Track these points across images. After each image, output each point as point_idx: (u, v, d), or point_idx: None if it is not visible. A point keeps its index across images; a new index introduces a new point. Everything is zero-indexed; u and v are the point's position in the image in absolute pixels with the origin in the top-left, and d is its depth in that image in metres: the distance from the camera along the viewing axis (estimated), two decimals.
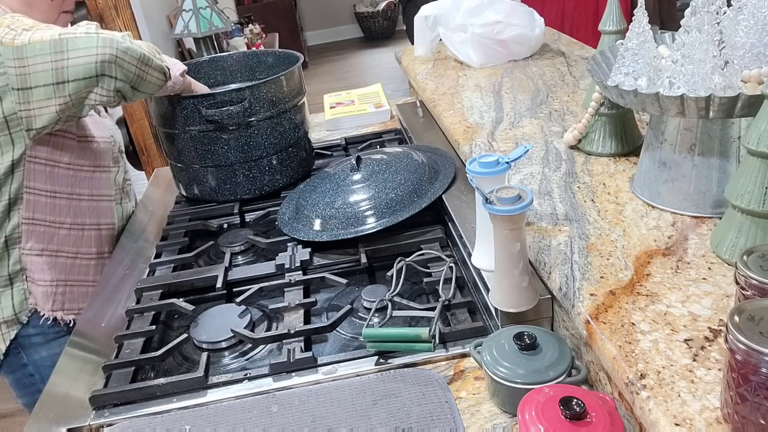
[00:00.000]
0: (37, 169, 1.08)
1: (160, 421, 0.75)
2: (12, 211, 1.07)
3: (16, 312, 1.11)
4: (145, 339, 0.90)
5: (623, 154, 1.01)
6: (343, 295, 0.98)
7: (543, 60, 1.56)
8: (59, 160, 1.11)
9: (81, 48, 0.98)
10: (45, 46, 0.96)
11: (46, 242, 1.12)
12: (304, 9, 6.82)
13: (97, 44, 0.98)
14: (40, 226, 1.11)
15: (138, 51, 1.03)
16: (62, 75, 0.98)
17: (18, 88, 0.98)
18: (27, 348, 1.14)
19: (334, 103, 1.75)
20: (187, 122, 1.18)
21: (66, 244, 1.14)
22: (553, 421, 0.58)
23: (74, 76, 0.99)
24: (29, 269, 1.11)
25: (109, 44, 0.99)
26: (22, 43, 0.96)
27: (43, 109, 1.00)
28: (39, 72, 0.97)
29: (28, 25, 0.99)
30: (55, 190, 1.11)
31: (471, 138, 1.16)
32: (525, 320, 0.77)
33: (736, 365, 0.48)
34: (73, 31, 0.99)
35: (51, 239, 1.12)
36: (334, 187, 1.09)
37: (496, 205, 0.70)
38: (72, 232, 1.15)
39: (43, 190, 1.10)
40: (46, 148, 1.08)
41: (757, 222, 0.68)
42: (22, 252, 1.10)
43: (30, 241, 1.10)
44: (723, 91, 0.73)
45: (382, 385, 0.75)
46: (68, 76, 0.98)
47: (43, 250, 1.12)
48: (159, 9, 3.14)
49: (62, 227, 1.13)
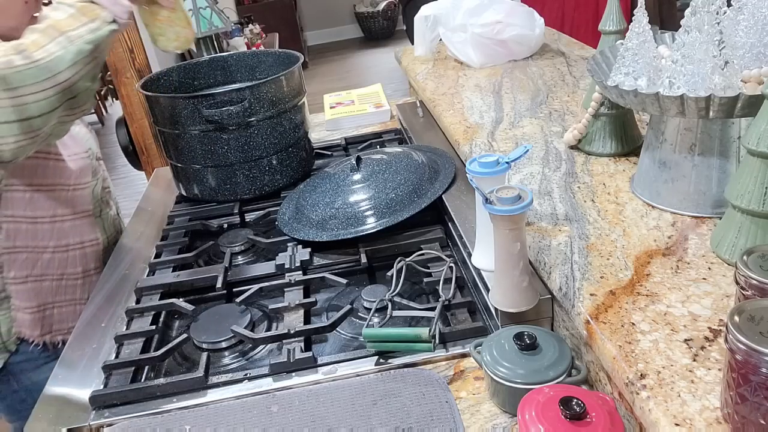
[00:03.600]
0: (16, 196, 1.03)
1: (160, 421, 0.75)
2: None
3: (3, 340, 1.07)
4: (145, 339, 0.90)
5: (623, 154, 1.01)
6: (343, 295, 0.98)
7: (543, 60, 1.56)
8: (40, 183, 1.05)
9: (31, 84, 0.88)
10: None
11: (30, 269, 1.07)
12: (304, 9, 6.82)
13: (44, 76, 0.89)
14: (22, 253, 1.06)
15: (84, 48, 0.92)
16: (25, 112, 0.89)
17: None
18: (17, 374, 1.11)
19: (334, 103, 1.75)
20: (187, 122, 1.18)
21: (50, 267, 1.10)
22: (553, 421, 0.58)
23: (39, 112, 0.90)
24: (14, 297, 1.07)
25: (55, 69, 0.89)
26: None
27: (12, 144, 0.91)
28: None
29: None
30: (36, 215, 1.06)
31: (471, 138, 1.16)
32: (525, 320, 0.77)
33: (736, 365, 0.48)
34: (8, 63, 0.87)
35: (34, 265, 1.07)
36: (334, 187, 1.09)
37: (496, 205, 0.70)
38: (56, 255, 1.10)
39: (23, 216, 1.04)
40: (24, 174, 1.02)
41: (757, 222, 0.68)
42: (6, 281, 1.05)
43: (12, 270, 1.05)
44: (723, 91, 0.73)
45: (382, 385, 0.75)
46: (32, 112, 0.90)
47: (27, 276, 1.07)
48: None
49: (45, 251, 1.08)
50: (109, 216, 1.25)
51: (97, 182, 1.20)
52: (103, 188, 1.24)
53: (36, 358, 1.11)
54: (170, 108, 1.19)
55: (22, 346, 1.10)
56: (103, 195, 1.23)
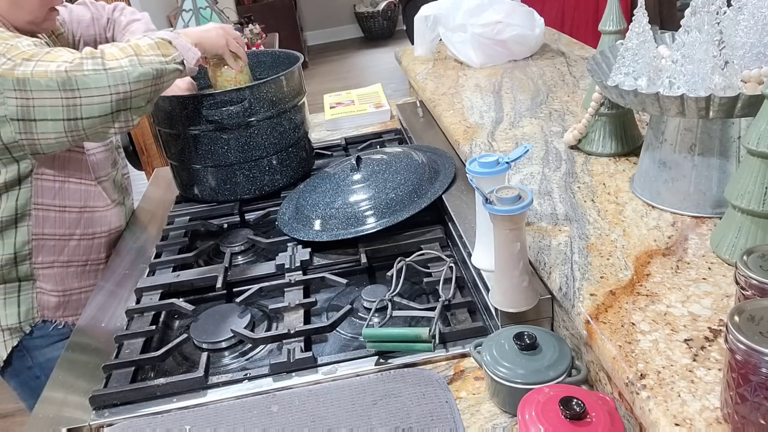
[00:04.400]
0: (45, 185, 1.07)
1: (160, 421, 0.75)
2: (20, 227, 1.06)
3: (20, 321, 1.10)
4: (145, 339, 0.90)
5: (623, 154, 1.01)
6: (343, 295, 0.98)
7: (543, 60, 1.56)
8: (69, 175, 1.10)
9: (93, 87, 0.95)
10: (51, 83, 0.93)
11: (57, 255, 1.11)
12: (304, 9, 6.82)
13: (108, 83, 0.96)
14: (50, 240, 1.10)
15: (150, 71, 1.00)
16: (75, 112, 0.96)
17: (19, 119, 0.95)
18: (32, 350, 1.14)
19: (334, 103, 1.75)
20: (188, 122, 1.18)
21: (76, 254, 1.14)
22: (553, 421, 0.58)
23: (89, 114, 0.97)
24: (40, 281, 1.10)
25: (120, 80, 0.97)
26: (23, 75, 0.92)
27: (51, 140, 0.98)
28: (47, 107, 0.94)
29: (27, 54, 0.94)
30: (65, 204, 1.10)
31: (471, 138, 1.16)
32: (525, 320, 0.77)
33: (736, 365, 0.48)
34: (78, 66, 0.95)
35: (61, 251, 1.12)
36: (334, 187, 1.09)
37: (496, 205, 0.70)
38: (82, 242, 1.14)
39: (52, 205, 1.08)
40: (54, 165, 1.07)
41: (757, 222, 0.68)
42: (33, 266, 1.09)
43: (40, 256, 1.09)
44: (723, 91, 0.73)
45: (382, 385, 0.75)
46: (82, 113, 0.96)
47: (53, 262, 1.11)
48: (159, 9, 3.14)
49: (72, 239, 1.13)
50: (129, 204, 1.31)
51: (117, 171, 1.26)
52: (123, 175, 1.30)
53: (51, 335, 1.14)
54: (170, 108, 1.19)
55: (36, 329, 1.13)
56: (123, 182, 1.29)
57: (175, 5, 3.38)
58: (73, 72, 0.95)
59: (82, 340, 0.94)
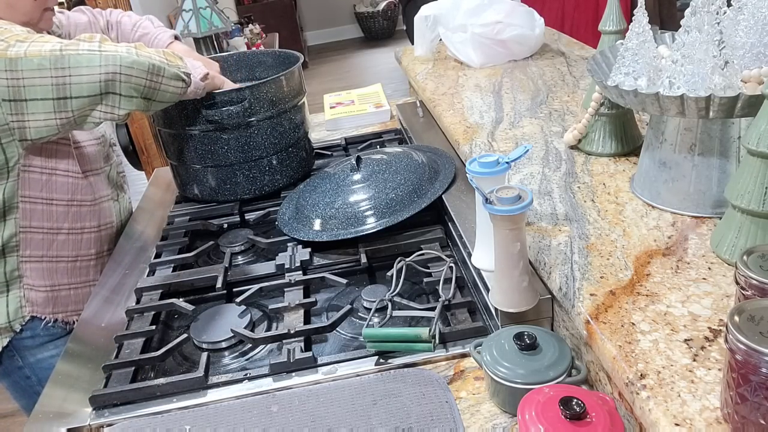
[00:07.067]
0: (32, 177, 1.06)
1: (160, 421, 0.75)
2: (7, 219, 1.05)
3: (9, 320, 1.09)
4: (145, 339, 0.90)
5: (623, 154, 1.01)
6: (343, 295, 0.98)
7: (543, 60, 1.56)
8: (55, 167, 1.09)
9: (84, 66, 0.96)
10: (44, 61, 0.94)
11: (45, 249, 1.10)
12: (304, 9, 6.82)
13: (100, 62, 0.97)
14: (38, 233, 1.09)
15: (146, 62, 1.01)
16: (64, 91, 0.97)
17: (9, 99, 0.95)
18: (21, 351, 1.13)
19: (334, 103, 1.75)
20: (188, 122, 1.18)
21: (65, 249, 1.13)
22: (553, 421, 0.58)
23: (78, 93, 0.97)
24: (28, 276, 1.10)
25: (112, 61, 0.98)
26: (16, 55, 0.93)
27: (40, 122, 0.98)
28: (37, 86, 0.95)
29: (21, 36, 0.95)
30: (52, 197, 1.10)
31: (471, 138, 1.16)
32: (525, 320, 0.77)
33: (736, 365, 0.48)
34: (74, 47, 0.97)
35: (50, 245, 1.11)
36: (334, 187, 1.09)
37: (496, 205, 0.70)
38: (71, 236, 1.13)
39: (39, 198, 1.08)
40: (41, 157, 1.06)
41: (757, 222, 0.68)
42: (21, 260, 1.08)
43: (28, 249, 1.09)
44: (723, 91, 0.73)
45: (382, 385, 0.75)
46: (71, 92, 0.97)
47: (42, 256, 1.10)
48: (159, 9, 3.14)
49: (60, 232, 1.12)
50: (124, 200, 1.30)
51: (111, 167, 1.25)
52: (118, 173, 1.29)
53: (41, 335, 1.13)
54: (170, 108, 1.18)
55: (26, 328, 1.12)
56: (118, 179, 1.28)
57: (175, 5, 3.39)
58: (67, 50, 0.96)
59: (82, 339, 0.94)
